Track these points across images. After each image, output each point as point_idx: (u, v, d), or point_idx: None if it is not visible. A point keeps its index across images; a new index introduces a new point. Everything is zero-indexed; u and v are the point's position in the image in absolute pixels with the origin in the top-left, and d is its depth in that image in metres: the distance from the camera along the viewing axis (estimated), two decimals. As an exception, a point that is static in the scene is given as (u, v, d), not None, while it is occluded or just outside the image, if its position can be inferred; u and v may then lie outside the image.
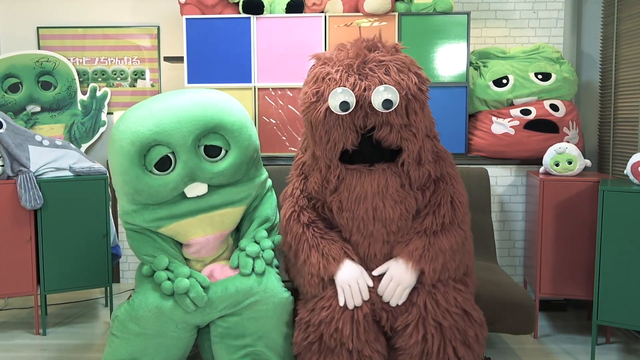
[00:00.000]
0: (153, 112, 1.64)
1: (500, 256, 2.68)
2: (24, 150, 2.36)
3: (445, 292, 1.56)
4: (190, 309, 1.62)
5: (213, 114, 1.67)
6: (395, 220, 1.58)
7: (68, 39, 3.06)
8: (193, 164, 1.66)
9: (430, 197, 1.62)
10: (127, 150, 1.62)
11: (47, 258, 2.38)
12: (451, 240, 1.58)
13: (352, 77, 1.49)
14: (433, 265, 1.55)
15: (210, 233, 1.74)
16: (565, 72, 2.60)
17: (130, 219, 1.74)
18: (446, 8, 2.59)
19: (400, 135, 1.53)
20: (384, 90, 1.47)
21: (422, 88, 1.53)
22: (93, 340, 2.38)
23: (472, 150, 2.67)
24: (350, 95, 1.48)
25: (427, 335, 1.53)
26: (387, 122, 1.51)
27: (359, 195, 1.57)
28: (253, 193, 1.81)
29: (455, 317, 1.54)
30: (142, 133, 1.61)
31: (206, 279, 1.68)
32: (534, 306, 1.90)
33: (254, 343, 1.68)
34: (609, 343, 2.31)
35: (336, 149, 1.55)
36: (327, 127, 1.53)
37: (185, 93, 1.75)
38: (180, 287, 1.62)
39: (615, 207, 2.00)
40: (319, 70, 1.56)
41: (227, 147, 1.71)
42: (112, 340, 1.69)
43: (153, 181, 1.65)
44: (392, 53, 1.57)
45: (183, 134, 1.62)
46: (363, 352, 1.56)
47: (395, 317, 1.60)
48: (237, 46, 2.65)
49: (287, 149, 2.69)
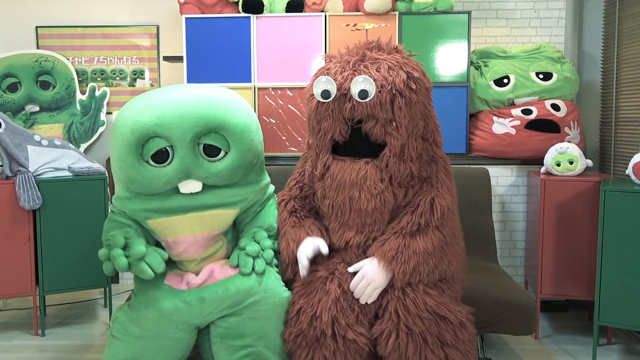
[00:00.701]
0: (157, 104, 1.64)
1: (501, 256, 2.68)
2: (22, 150, 2.36)
3: (415, 298, 1.56)
4: (148, 275, 1.58)
5: (217, 114, 1.66)
6: (370, 212, 1.62)
7: (67, 39, 3.06)
8: (189, 161, 1.64)
9: (412, 197, 1.64)
10: (126, 137, 1.62)
11: (46, 258, 2.38)
12: (427, 243, 1.58)
13: (346, 72, 1.58)
14: (403, 268, 1.56)
15: (198, 232, 1.72)
16: (567, 71, 2.59)
17: (120, 205, 1.73)
18: (447, 7, 2.59)
19: (384, 130, 1.58)
20: (361, 81, 1.53)
21: (411, 86, 1.55)
22: (92, 341, 2.38)
23: (473, 150, 2.67)
24: (331, 84, 1.57)
25: (399, 341, 1.54)
26: (372, 115, 1.56)
27: (339, 184, 1.63)
28: (250, 198, 1.79)
29: (427, 323, 1.54)
30: (142, 123, 1.61)
31: (165, 252, 1.66)
32: (535, 307, 1.89)
33: (254, 343, 1.67)
34: (611, 344, 2.31)
35: (326, 138, 1.63)
36: (318, 117, 1.62)
37: (192, 87, 1.74)
38: (136, 252, 1.59)
39: (616, 208, 1.99)
40: (323, 66, 1.68)
41: (227, 148, 1.70)
42: (112, 342, 1.68)
43: (147, 172, 1.64)
44: (390, 53, 1.63)
45: (183, 129, 1.61)
46: (347, 337, 1.56)
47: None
48: (237, 45, 2.64)
49: (287, 149, 2.69)
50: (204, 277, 1.68)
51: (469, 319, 1.62)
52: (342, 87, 1.57)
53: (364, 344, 1.58)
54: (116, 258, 1.59)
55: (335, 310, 1.58)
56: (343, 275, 1.63)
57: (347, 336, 1.57)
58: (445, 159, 1.72)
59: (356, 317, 1.60)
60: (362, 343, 1.58)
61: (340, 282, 1.62)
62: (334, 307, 1.58)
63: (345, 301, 1.60)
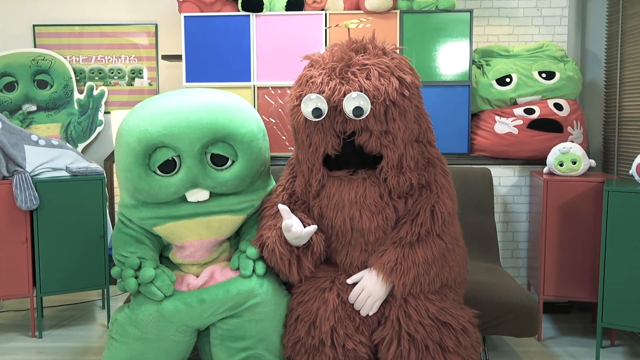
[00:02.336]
0: (164, 112, 1.62)
1: (503, 257, 2.67)
2: (19, 150, 2.35)
3: (417, 305, 1.54)
4: (158, 297, 1.61)
5: (225, 123, 1.64)
6: (373, 231, 1.58)
7: (64, 37, 3.05)
8: (197, 171, 1.64)
9: (411, 206, 1.59)
10: (132, 147, 1.61)
11: (43, 259, 2.37)
12: (427, 252, 1.55)
13: (333, 81, 1.48)
14: (403, 280, 1.53)
15: (205, 237, 1.73)
16: (570, 70, 2.59)
17: (128, 212, 1.74)
18: (448, 5, 2.58)
19: (380, 142, 1.51)
20: (355, 97, 1.45)
21: (404, 93, 1.49)
22: (90, 343, 2.37)
23: (474, 150, 2.66)
24: (322, 102, 1.47)
25: (401, 348, 1.53)
26: (366, 127, 1.49)
27: (337, 204, 1.57)
28: (256, 204, 1.78)
29: (428, 329, 1.52)
30: (149, 133, 1.59)
31: (173, 274, 1.67)
32: (537, 308, 1.88)
33: (254, 346, 1.67)
34: (614, 346, 2.30)
35: (318, 153, 1.55)
36: (307, 131, 1.53)
37: (199, 94, 1.71)
38: (145, 276, 1.61)
39: (620, 208, 1.98)
40: (304, 73, 1.57)
41: (234, 157, 1.69)
42: (112, 344, 1.68)
43: (154, 182, 1.64)
44: (378, 55, 1.53)
45: (191, 139, 1.60)
46: (346, 346, 1.55)
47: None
48: (236, 44, 2.63)
49: (287, 148, 2.68)
50: (205, 279, 1.68)
51: (471, 323, 1.60)
52: (331, 100, 1.47)
53: (364, 353, 1.56)
54: (126, 280, 1.63)
55: (334, 321, 1.55)
56: (343, 286, 1.60)
57: (347, 346, 1.55)
58: (441, 158, 1.67)
59: (356, 327, 1.58)
60: (362, 352, 1.56)
61: (339, 292, 1.59)
62: (332, 317, 1.56)
63: (344, 311, 1.57)
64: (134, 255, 1.68)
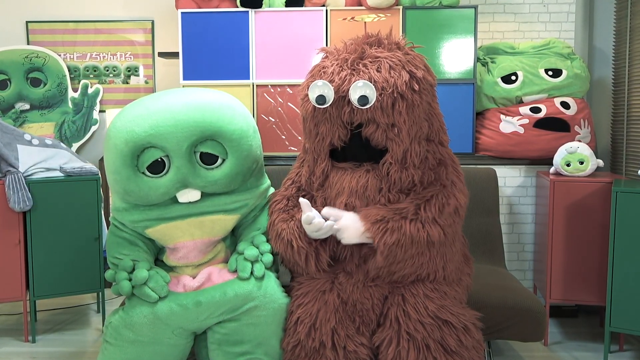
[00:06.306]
0: (151, 112, 1.63)
1: (508, 260, 2.66)
2: (12, 149, 2.33)
3: (415, 303, 1.54)
4: (152, 298, 1.61)
5: (212, 121, 1.64)
6: None
7: (58, 34, 3.05)
8: (186, 170, 1.64)
9: (420, 191, 1.57)
10: (120, 149, 1.62)
11: (36, 262, 2.35)
12: (420, 231, 1.50)
13: (344, 72, 1.51)
14: (385, 238, 1.48)
15: (198, 237, 1.73)
16: (577, 68, 2.57)
17: (119, 216, 1.75)
18: (453, 1, 2.56)
19: (385, 135, 1.52)
20: (361, 86, 1.47)
21: (413, 87, 1.49)
22: (84, 347, 2.36)
23: (479, 150, 2.65)
24: (328, 88, 1.49)
25: (400, 348, 1.52)
26: (372, 119, 1.51)
27: (338, 192, 1.58)
28: (250, 203, 1.79)
29: (428, 328, 1.52)
30: (136, 133, 1.60)
31: (167, 275, 1.68)
32: (544, 312, 1.88)
33: (252, 350, 1.67)
34: (622, 350, 2.29)
35: (324, 142, 1.58)
36: (315, 120, 1.56)
37: (186, 93, 1.73)
38: (139, 277, 1.62)
39: (628, 209, 1.97)
40: (319, 63, 1.60)
41: (224, 155, 1.69)
42: (106, 348, 1.68)
43: (144, 183, 1.64)
44: (392, 50, 1.56)
45: (179, 139, 1.61)
46: (347, 348, 1.55)
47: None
48: (235, 41, 2.62)
49: (287, 148, 2.66)
50: (202, 281, 1.68)
51: (474, 324, 1.59)
52: (340, 90, 1.49)
53: (365, 355, 1.56)
54: (120, 282, 1.64)
55: (335, 322, 1.56)
56: (342, 286, 1.61)
57: (348, 347, 1.56)
58: (453, 158, 1.67)
59: (357, 328, 1.58)
60: (363, 354, 1.56)
61: (339, 292, 1.61)
62: (333, 319, 1.56)
63: (345, 312, 1.59)
64: (128, 257, 1.69)
